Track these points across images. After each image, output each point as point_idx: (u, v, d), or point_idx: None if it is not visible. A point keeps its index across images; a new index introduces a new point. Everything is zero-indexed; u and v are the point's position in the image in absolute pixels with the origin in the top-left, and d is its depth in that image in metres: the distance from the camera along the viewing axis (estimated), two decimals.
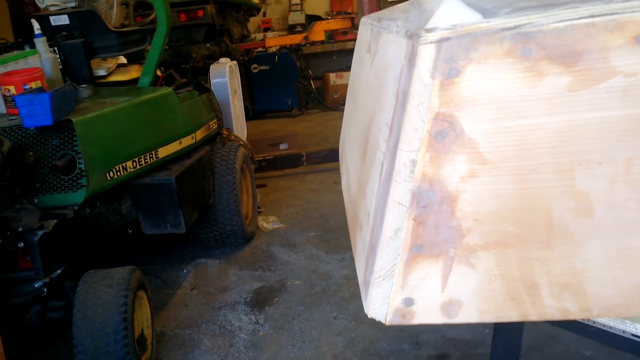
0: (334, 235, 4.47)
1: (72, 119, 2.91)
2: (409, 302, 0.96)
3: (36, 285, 2.72)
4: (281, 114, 9.16)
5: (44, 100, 2.77)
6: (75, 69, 3.72)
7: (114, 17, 3.88)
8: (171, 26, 3.82)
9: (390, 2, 9.25)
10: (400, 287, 0.96)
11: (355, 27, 7.61)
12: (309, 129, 8.31)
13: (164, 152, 3.52)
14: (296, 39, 8.29)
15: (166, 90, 3.70)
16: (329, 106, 9.53)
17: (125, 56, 4.20)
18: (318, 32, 7.79)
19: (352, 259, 4.06)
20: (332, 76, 9.62)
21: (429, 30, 0.89)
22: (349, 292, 3.59)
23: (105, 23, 3.75)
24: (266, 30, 9.83)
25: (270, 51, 8.92)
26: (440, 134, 0.90)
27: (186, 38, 5.93)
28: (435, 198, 0.92)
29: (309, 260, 4.09)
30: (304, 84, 9.25)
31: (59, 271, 2.80)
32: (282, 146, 6.55)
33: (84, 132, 2.95)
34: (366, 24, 1.83)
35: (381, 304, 0.97)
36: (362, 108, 1.43)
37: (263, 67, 8.82)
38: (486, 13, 0.91)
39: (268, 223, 4.83)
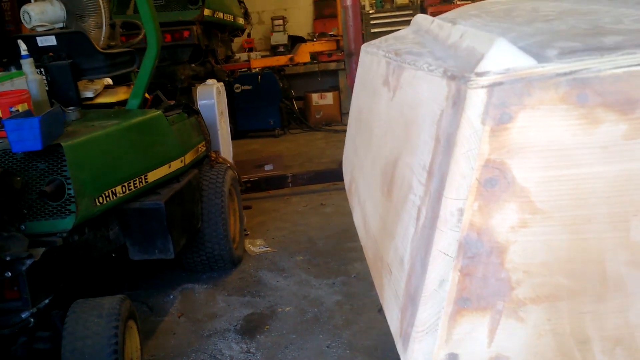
0: (323, 259, 4.41)
1: (62, 144, 2.83)
2: (453, 357, 0.91)
3: (23, 316, 2.62)
4: (264, 133, 9.10)
5: (33, 125, 2.69)
6: (62, 90, 3.64)
7: (102, 38, 3.81)
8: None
9: (373, 24, 9.32)
10: (444, 342, 0.91)
11: (340, 49, 7.64)
12: (293, 149, 8.26)
13: (153, 176, 3.45)
14: (281, 60, 8.27)
15: (156, 113, 3.64)
16: (312, 126, 9.50)
17: (111, 77, 4.12)
18: (303, 54, 7.78)
19: (343, 284, 4.02)
20: (315, 96, 9.60)
21: (480, 74, 0.85)
22: (342, 319, 3.52)
23: (93, 44, 3.68)
24: (249, 50, 9.79)
25: (254, 71, 8.89)
26: (490, 181, 0.86)
27: (171, 58, 5.87)
28: (483, 249, 0.88)
29: (298, 286, 4.02)
30: (286, 104, 9.22)
31: (46, 301, 2.70)
32: (267, 167, 6.49)
33: (74, 157, 2.87)
34: (376, 54, 1.80)
35: (423, 359, 0.92)
36: (381, 143, 1.38)
37: (246, 87, 8.77)
38: (536, 55, 0.88)
39: (255, 247, 4.76)
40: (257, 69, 8.60)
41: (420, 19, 2.30)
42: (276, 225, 5.25)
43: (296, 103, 9.58)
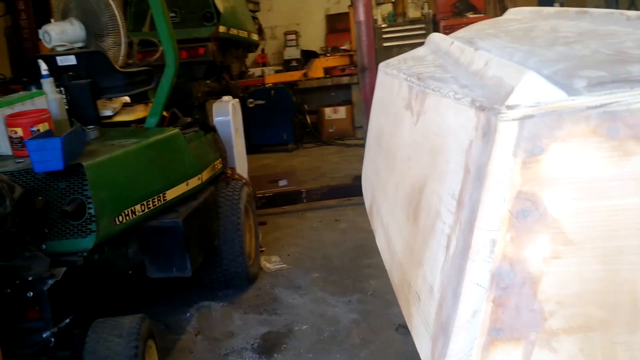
0: (339, 276, 4.41)
1: (83, 163, 2.86)
2: None
3: (44, 336, 2.63)
4: (277, 148, 9.13)
5: (55, 145, 2.72)
6: (81, 109, 3.68)
7: (121, 56, 3.86)
8: None
9: (385, 38, 9.34)
10: None
11: (353, 64, 7.67)
12: (306, 163, 8.28)
13: (171, 194, 3.47)
14: (295, 75, 8.32)
15: (174, 131, 3.67)
16: (325, 140, 9.54)
17: (129, 95, 4.17)
18: (317, 69, 7.83)
19: (359, 302, 4.02)
20: (328, 111, 9.65)
21: (510, 107, 0.86)
22: (359, 337, 3.52)
23: (112, 63, 3.72)
24: (262, 65, 9.85)
25: (267, 85, 8.95)
26: (523, 213, 0.87)
27: (186, 75, 5.91)
28: (516, 279, 0.88)
29: (315, 304, 4.02)
30: (299, 119, 9.26)
31: (67, 320, 2.72)
32: (281, 182, 6.51)
33: (95, 177, 2.89)
34: (397, 77, 1.81)
35: None
36: (406, 168, 1.39)
37: (259, 102, 8.82)
38: (564, 86, 0.88)
39: (270, 263, 4.76)
40: (270, 84, 8.65)
41: (438, 39, 2.32)
42: (291, 242, 5.25)
43: (309, 117, 9.63)
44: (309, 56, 9.92)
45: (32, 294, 2.55)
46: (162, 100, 3.76)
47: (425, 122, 1.29)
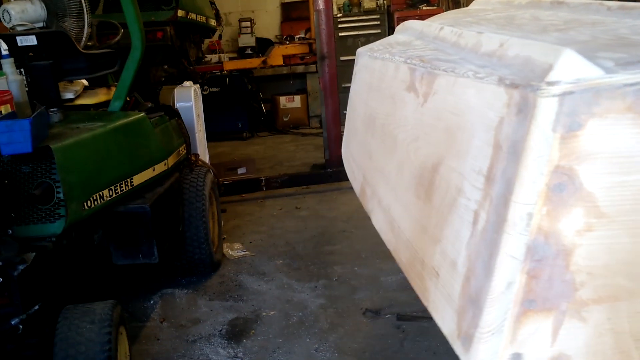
0: (303, 262, 4.42)
1: (51, 146, 2.77)
2: (517, 357, 0.94)
3: (13, 322, 2.55)
4: (232, 135, 9.04)
5: (24, 127, 2.63)
6: (43, 91, 3.56)
7: (84, 38, 3.75)
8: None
9: (341, 27, 9.36)
10: (509, 342, 0.93)
11: (312, 52, 7.66)
12: (262, 152, 8.25)
13: (138, 179, 3.41)
14: (254, 62, 8.26)
15: (139, 115, 3.59)
16: (279, 129, 9.51)
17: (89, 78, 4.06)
18: (276, 57, 7.78)
19: (325, 287, 4.04)
20: (283, 99, 9.61)
21: (551, 84, 0.88)
22: (328, 322, 3.54)
23: (75, 44, 3.61)
24: (214, 52, 9.73)
25: (223, 72, 8.85)
26: (559, 187, 0.89)
27: (143, 60, 5.78)
28: (550, 252, 0.91)
29: (281, 290, 4.02)
30: (255, 107, 9.20)
31: (36, 307, 2.64)
32: (240, 170, 6.47)
33: (63, 160, 2.82)
34: (391, 60, 1.82)
35: (488, 359, 0.95)
36: (412, 149, 1.41)
37: (214, 89, 8.72)
38: (601, 65, 0.91)
39: (233, 250, 4.73)
40: (226, 72, 8.56)
41: (419, 26, 2.34)
42: (252, 229, 5.23)
43: (264, 106, 9.57)
44: (264, 44, 9.86)
45: (1, 279, 2.46)
46: (127, 83, 3.67)
47: (435, 102, 1.30)
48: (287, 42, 8.57)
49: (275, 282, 4.13)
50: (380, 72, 1.91)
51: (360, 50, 2.70)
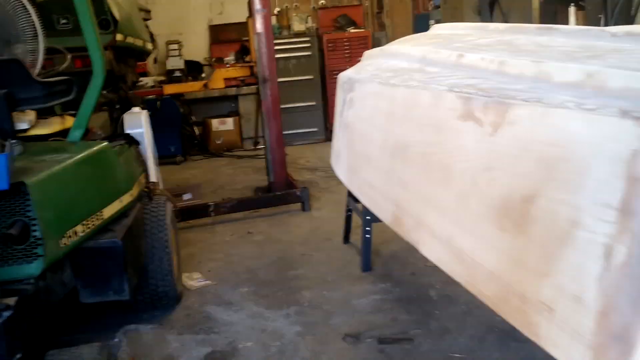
0: (269, 289, 4.33)
1: (26, 182, 2.60)
2: None
3: None
4: (164, 160, 8.76)
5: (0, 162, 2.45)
6: None
7: (38, 65, 3.55)
8: None
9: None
10: None
11: (254, 75, 7.59)
12: (200, 176, 8.09)
13: (108, 212, 3.25)
14: (195, 86, 8.11)
15: (104, 144, 3.43)
16: (213, 152, 9.37)
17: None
18: (218, 80, 7.66)
19: (298, 314, 3.96)
20: (215, 122, 9.49)
21: None
22: (309, 350, 3.47)
23: (29, 72, 3.42)
24: (142, 74, 9.49)
25: (150, 97, 8.64)
26: None
27: (81, 85, 5.54)
28: None
29: (252, 319, 3.92)
30: (187, 130, 9.02)
31: (18, 355, 2.45)
32: (186, 196, 6.31)
33: (38, 196, 2.64)
34: (424, 88, 1.82)
35: None
36: (482, 179, 1.40)
37: None
38: None
39: (193, 280, 4.59)
40: (166, 95, 8.39)
41: (414, 51, 2.36)
42: (207, 257, 5.10)
43: (196, 129, 9.42)
44: (193, 66, 9.71)
45: None
46: (88, 111, 3.51)
47: (515, 132, 1.30)
48: (228, 65, 8.48)
49: (245, 311, 4.03)
50: (406, 100, 1.90)
51: (352, 76, 2.68)
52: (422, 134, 1.74)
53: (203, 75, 9.54)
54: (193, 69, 9.64)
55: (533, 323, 1.18)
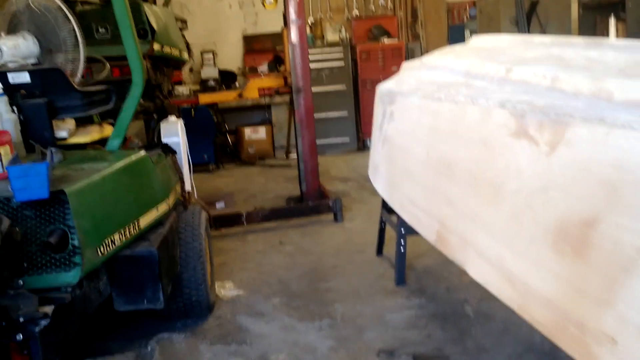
0: (302, 301, 4.30)
1: (65, 190, 2.61)
2: None
3: None
4: (198, 168, 8.83)
5: (40, 171, 2.48)
6: (37, 130, 3.38)
7: (79, 74, 3.59)
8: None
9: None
10: None
11: (288, 85, 7.60)
12: (232, 185, 8.11)
13: (144, 221, 3.26)
14: (230, 95, 8.15)
15: (142, 154, 3.45)
16: (245, 161, 9.40)
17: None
18: (252, 89, 7.70)
19: (330, 327, 3.92)
20: (248, 131, 9.53)
21: None
22: None
23: (70, 81, 3.46)
24: (177, 83, 9.56)
25: (185, 105, 8.70)
26: None
27: (119, 94, 5.60)
28: None
29: (284, 331, 3.89)
30: (221, 139, 9.07)
31: None
32: (219, 205, 6.32)
33: (77, 204, 2.66)
34: (471, 103, 1.78)
35: None
36: (537, 200, 1.35)
37: None
38: None
39: (225, 290, 4.58)
40: (202, 104, 8.47)
41: (458, 65, 2.32)
42: (240, 266, 5.09)
43: (229, 137, 9.46)
44: (227, 76, 9.76)
45: (21, 336, 2.28)
46: (126, 121, 3.54)
47: (574, 153, 1.26)
48: (263, 75, 8.52)
49: (277, 323, 4.00)
50: (452, 115, 1.86)
51: (393, 88, 2.65)
52: (469, 151, 1.70)
53: (237, 84, 9.58)
54: (227, 79, 9.67)
55: (594, 355, 1.13)
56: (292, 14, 6.29)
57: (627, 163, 1.11)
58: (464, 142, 1.75)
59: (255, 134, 9.52)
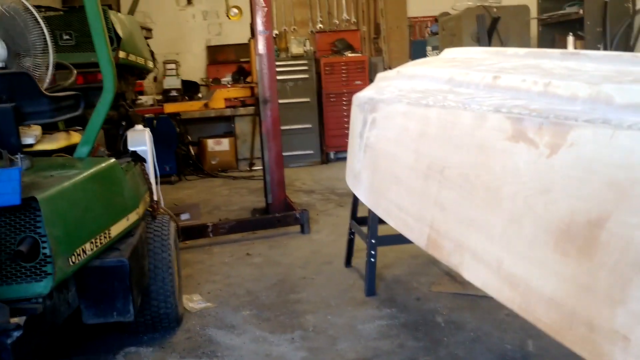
0: (272, 313, 4.25)
1: (37, 197, 2.52)
2: None
3: None
4: (160, 180, 8.72)
5: (13, 176, 2.39)
6: (3, 136, 3.27)
7: (47, 80, 3.49)
8: None
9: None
10: None
11: (254, 95, 7.56)
12: (195, 196, 8.01)
13: (115, 230, 3.17)
14: (195, 105, 8.08)
15: (112, 161, 3.37)
16: (208, 172, 9.31)
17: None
18: (218, 100, 7.63)
19: (303, 339, 3.88)
20: (211, 142, 9.45)
21: None
22: None
23: (38, 86, 3.36)
24: (139, 93, 9.44)
25: (148, 115, 8.58)
26: None
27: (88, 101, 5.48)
28: None
29: (256, 343, 3.83)
30: (183, 150, 8.96)
31: None
32: (184, 216, 6.23)
33: (49, 212, 2.57)
34: (465, 109, 1.78)
35: None
36: (538, 202, 1.36)
37: None
38: None
39: (193, 302, 4.49)
40: (164, 114, 8.35)
41: (440, 73, 2.33)
42: (207, 278, 5.00)
43: (191, 148, 9.36)
44: (189, 86, 9.68)
45: None
46: (97, 127, 3.45)
47: (577, 154, 1.26)
48: (229, 85, 8.48)
49: (248, 335, 3.93)
50: (442, 120, 1.86)
51: (374, 96, 2.65)
52: (462, 156, 1.70)
53: (200, 95, 9.51)
54: (189, 89, 9.60)
55: (605, 353, 1.13)
56: (260, 25, 6.28)
57: (634, 163, 1.13)
58: (456, 147, 1.75)
59: (218, 146, 9.45)
